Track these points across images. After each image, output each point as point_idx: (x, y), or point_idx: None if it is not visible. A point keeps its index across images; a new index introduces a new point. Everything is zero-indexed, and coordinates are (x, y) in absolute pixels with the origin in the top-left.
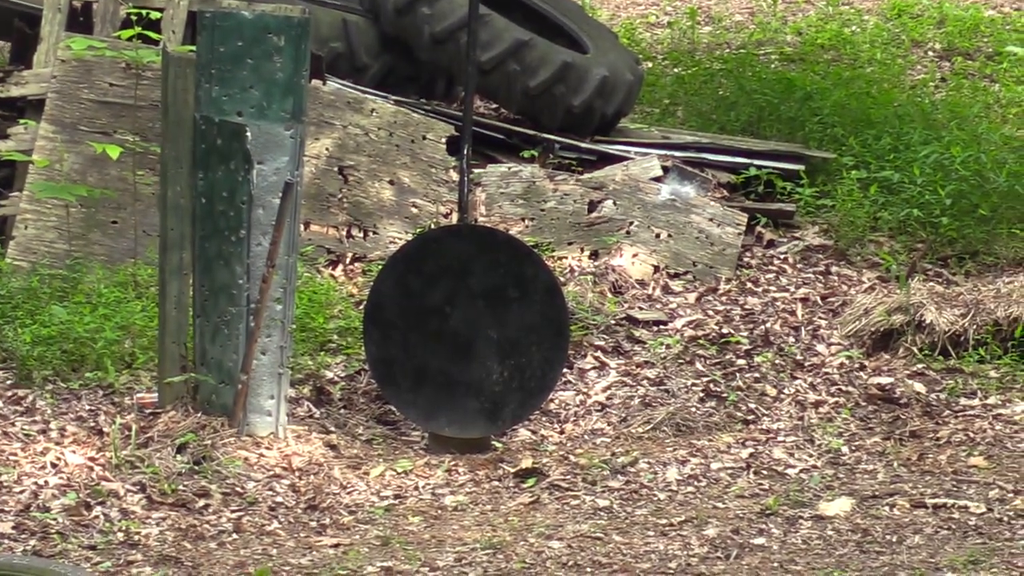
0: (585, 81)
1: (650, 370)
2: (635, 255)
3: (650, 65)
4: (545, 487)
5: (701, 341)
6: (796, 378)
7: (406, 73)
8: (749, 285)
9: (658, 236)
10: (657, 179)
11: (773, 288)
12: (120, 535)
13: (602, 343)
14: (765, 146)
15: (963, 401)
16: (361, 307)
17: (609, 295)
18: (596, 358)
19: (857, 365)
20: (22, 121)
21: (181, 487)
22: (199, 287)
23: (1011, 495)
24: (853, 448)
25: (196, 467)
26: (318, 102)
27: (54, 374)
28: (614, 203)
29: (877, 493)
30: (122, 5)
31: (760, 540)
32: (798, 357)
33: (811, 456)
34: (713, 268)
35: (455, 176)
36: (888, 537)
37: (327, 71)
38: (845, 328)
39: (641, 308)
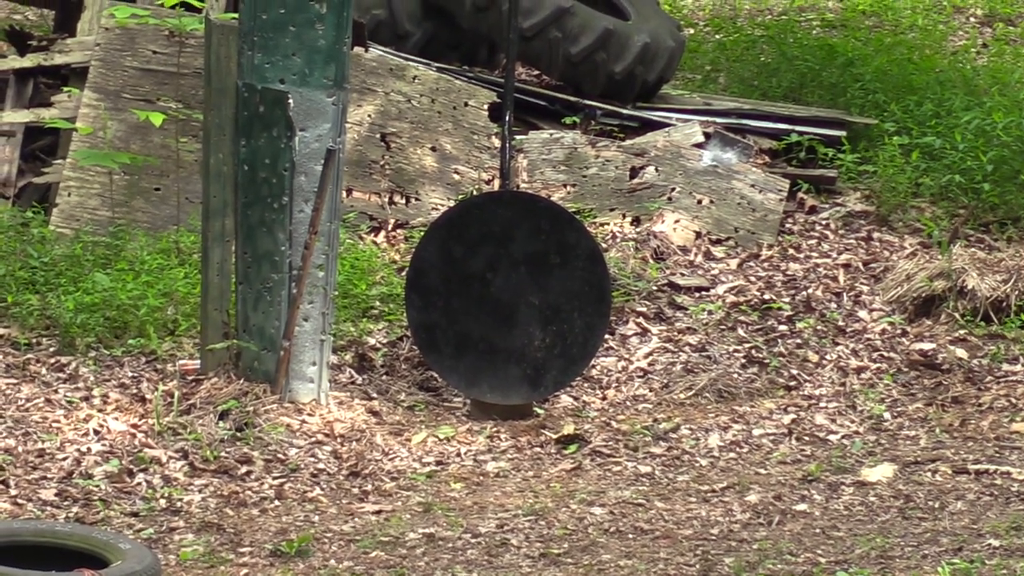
0: (627, 48)
1: (692, 336)
2: (677, 221)
3: (692, 31)
4: (587, 453)
5: (743, 307)
6: (838, 344)
7: (448, 40)
8: (791, 251)
9: (700, 202)
10: (699, 145)
11: (815, 254)
12: (162, 502)
13: (644, 309)
14: (807, 112)
15: (1005, 367)
16: (403, 273)
17: (651, 261)
18: (638, 324)
19: (899, 331)
20: (66, 89)
21: (223, 454)
22: (241, 254)
23: None
24: (895, 414)
25: (238, 434)
26: (360, 69)
27: (97, 341)
28: (656, 169)
29: (919, 459)
30: None
31: (802, 506)
32: (840, 323)
33: (853, 422)
34: (755, 234)
35: (497, 143)
36: (930, 503)
37: (369, 38)
38: (887, 294)
39: (683, 274)
